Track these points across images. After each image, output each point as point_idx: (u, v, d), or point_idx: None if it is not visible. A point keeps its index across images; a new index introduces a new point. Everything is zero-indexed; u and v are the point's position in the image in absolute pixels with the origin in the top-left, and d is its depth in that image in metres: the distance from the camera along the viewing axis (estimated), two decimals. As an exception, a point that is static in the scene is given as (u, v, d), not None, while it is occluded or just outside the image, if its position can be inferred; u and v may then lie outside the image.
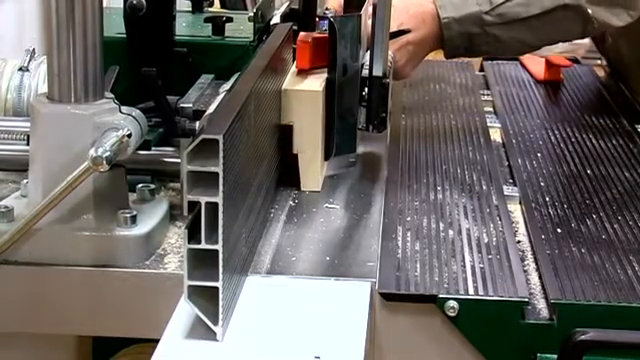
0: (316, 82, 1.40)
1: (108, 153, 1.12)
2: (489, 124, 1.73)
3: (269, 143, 1.29)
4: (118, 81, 1.37)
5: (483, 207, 1.35)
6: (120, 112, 1.19)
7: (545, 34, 1.58)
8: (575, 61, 2.11)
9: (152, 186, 1.27)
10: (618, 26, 1.63)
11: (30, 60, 1.51)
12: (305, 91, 1.38)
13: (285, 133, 1.37)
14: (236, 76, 1.42)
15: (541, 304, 1.13)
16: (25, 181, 1.23)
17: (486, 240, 1.25)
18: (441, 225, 1.29)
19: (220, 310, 1.00)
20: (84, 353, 1.31)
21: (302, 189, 1.38)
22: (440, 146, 1.59)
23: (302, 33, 1.47)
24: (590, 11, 1.58)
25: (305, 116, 1.37)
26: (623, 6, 1.63)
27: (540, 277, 1.19)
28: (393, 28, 1.49)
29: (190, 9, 1.69)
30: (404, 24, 1.57)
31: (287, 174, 1.39)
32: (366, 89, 1.44)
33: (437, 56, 1.77)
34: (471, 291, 1.11)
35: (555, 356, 1.06)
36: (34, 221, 1.15)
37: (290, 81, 1.41)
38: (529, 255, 1.25)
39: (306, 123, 1.38)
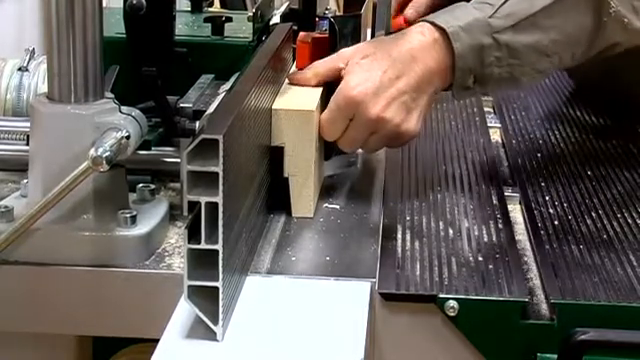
0: (310, 99, 1.31)
1: (108, 153, 1.12)
2: (489, 124, 1.73)
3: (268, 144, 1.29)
4: (118, 81, 1.37)
5: (483, 207, 1.35)
6: (120, 112, 1.19)
7: (557, 32, 1.38)
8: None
9: (152, 186, 1.27)
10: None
11: (30, 60, 1.51)
12: (297, 111, 1.28)
13: (275, 155, 1.27)
14: (236, 76, 1.42)
15: (541, 304, 1.13)
16: (25, 181, 1.23)
17: (486, 240, 1.25)
18: (441, 225, 1.29)
19: (220, 310, 1.00)
20: (84, 353, 1.31)
21: (293, 215, 1.30)
22: (440, 146, 1.59)
23: (302, 33, 1.46)
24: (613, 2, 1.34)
25: (297, 137, 1.27)
26: None
27: (540, 277, 1.18)
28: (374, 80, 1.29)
29: (190, 9, 1.70)
30: (388, 71, 1.30)
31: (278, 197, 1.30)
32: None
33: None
34: (471, 291, 1.11)
35: (555, 356, 1.05)
36: (32, 221, 1.15)
37: (281, 99, 1.31)
38: (529, 255, 1.25)
39: (298, 145, 1.28)
